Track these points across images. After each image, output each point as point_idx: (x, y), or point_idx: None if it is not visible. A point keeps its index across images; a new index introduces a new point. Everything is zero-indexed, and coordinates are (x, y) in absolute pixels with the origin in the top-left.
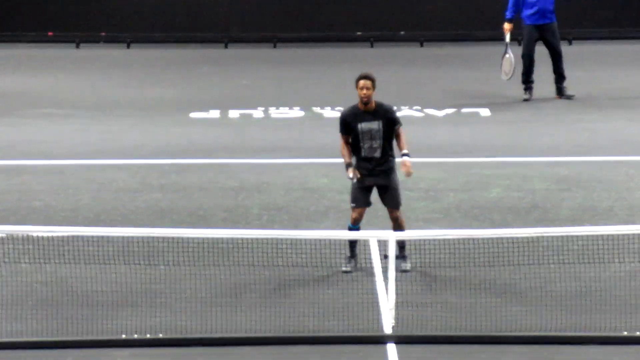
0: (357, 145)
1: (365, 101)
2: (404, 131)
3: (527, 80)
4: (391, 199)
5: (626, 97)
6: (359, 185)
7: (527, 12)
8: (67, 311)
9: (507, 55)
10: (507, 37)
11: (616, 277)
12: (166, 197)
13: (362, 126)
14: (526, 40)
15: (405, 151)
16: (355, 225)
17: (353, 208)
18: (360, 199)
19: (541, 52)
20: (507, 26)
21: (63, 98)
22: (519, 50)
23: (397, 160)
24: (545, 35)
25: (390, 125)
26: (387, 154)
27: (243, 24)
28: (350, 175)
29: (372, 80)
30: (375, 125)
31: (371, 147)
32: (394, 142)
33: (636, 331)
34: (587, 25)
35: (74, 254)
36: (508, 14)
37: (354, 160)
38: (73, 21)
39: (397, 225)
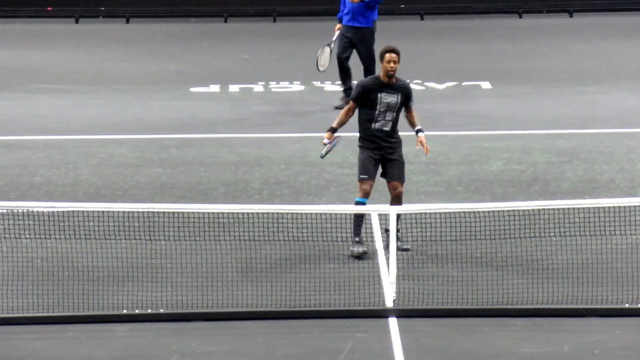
0: (371, 116)
1: (391, 74)
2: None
3: (342, 82)
4: (398, 172)
5: (627, 69)
6: (367, 155)
7: (345, 11)
8: (67, 286)
9: (327, 49)
10: (335, 35)
11: (618, 250)
12: (166, 172)
13: (382, 97)
14: (339, 41)
15: (419, 127)
16: (363, 199)
17: (364, 180)
18: (371, 170)
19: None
20: (337, 26)
21: (62, 73)
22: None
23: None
24: (354, 39)
25: (407, 101)
26: (396, 128)
27: None
28: (326, 140)
29: (398, 53)
30: (395, 98)
31: (385, 120)
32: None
33: (638, 303)
34: None
35: (74, 229)
36: (339, 14)
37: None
38: None
39: (397, 201)
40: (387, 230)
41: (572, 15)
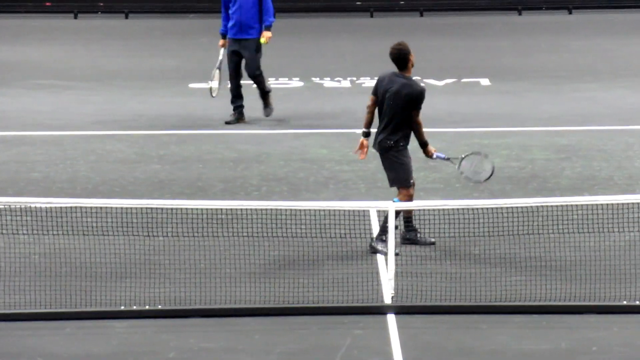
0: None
1: None
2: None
3: (232, 99)
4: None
5: (626, 66)
6: (410, 159)
7: (229, 24)
8: (65, 283)
9: (217, 71)
10: (221, 53)
11: (616, 247)
12: (165, 168)
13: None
14: (228, 55)
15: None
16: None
17: (412, 185)
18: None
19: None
20: (221, 42)
21: (61, 69)
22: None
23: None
24: (242, 52)
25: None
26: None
27: None
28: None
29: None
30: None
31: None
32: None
33: (636, 300)
34: None
35: (72, 225)
36: (221, 29)
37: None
38: None
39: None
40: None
41: (571, 12)
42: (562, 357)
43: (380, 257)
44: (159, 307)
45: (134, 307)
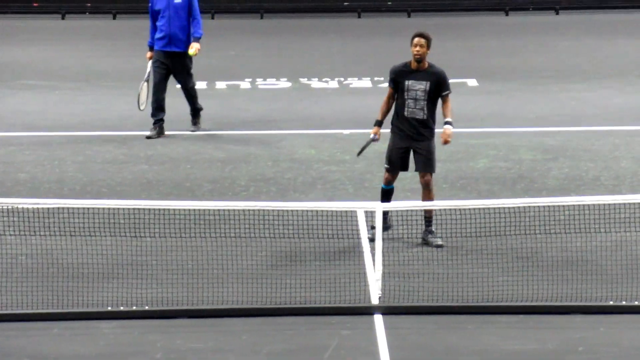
0: (402, 102)
1: (418, 59)
2: (451, 99)
3: (154, 113)
4: (423, 162)
5: (612, 67)
6: (394, 146)
7: (157, 35)
8: (52, 283)
9: (145, 84)
10: (149, 66)
11: (602, 247)
12: (153, 169)
13: (409, 83)
14: (154, 68)
15: (448, 119)
16: (388, 186)
17: (386, 170)
18: (395, 162)
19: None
20: (148, 54)
21: (49, 69)
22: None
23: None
24: (173, 65)
25: (438, 89)
26: (430, 118)
27: None
28: (372, 135)
29: (427, 39)
30: (423, 85)
31: (415, 108)
32: (438, 110)
33: (622, 301)
34: None
35: (59, 226)
36: (149, 41)
37: (393, 121)
38: None
39: (427, 193)
40: (373, 227)
41: (559, 12)
42: (548, 357)
43: (367, 258)
44: (146, 307)
45: (121, 308)
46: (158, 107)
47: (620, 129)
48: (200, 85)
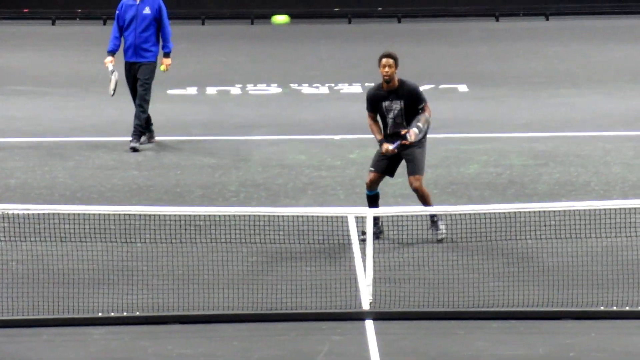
0: (384, 122)
1: (387, 79)
2: (429, 108)
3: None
4: (411, 168)
5: (603, 72)
6: (377, 152)
7: (124, 46)
8: (43, 289)
9: (112, 75)
10: (110, 66)
11: (593, 252)
12: (143, 175)
13: (386, 105)
14: (127, 81)
15: (417, 125)
16: (371, 191)
17: (370, 172)
18: (379, 165)
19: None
20: (106, 60)
21: (39, 75)
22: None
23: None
24: (137, 75)
25: (414, 104)
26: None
27: (220, 1)
28: (383, 150)
29: (394, 58)
30: (398, 104)
31: (395, 124)
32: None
33: (613, 306)
34: (564, 0)
35: (50, 232)
36: (109, 47)
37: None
38: None
39: (422, 198)
40: (364, 233)
41: (549, 18)
42: None
43: (358, 263)
44: (137, 313)
45: (112, 314)
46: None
47: (611, 134)
48: (190, 90)
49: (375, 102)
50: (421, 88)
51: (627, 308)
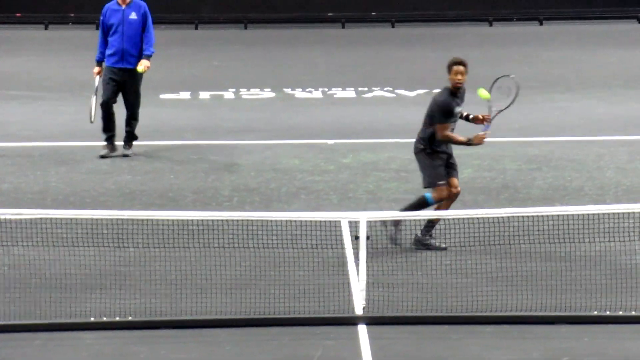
0: (452, 128)
1: (459, 87)
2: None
3: (106, 129)
4: (456, 172)
5: (596, 77)
6: (440, 162)
7: (108, 51)
8: (35, 294)
9: (94, 97)
10: (97, 81)
11: (587, 257)
12: (136, 179)
13: (457, 111)
14: (104, 84)
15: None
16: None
17: (441, 185)
18: (443, 174)
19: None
20: (96, 69)
21: (32, 80)
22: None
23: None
24: (124, 83)
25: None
26: None
27: (214, 5)
28: (480, 141)
29: (466, 65)
30: (460, 108)
31: (453, 129)
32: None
33: (606, 311)
34: (558, 5)
35: (42, 237)
36: (97, 56)
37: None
38: (41, 2)
39: (454, 199)
40: (357, 238)
41: (542, 23)
42: None
43: (351, 268)
44: (130, 318)
45: (104, 319)
46: (107, 125)
47: (604, 138)
48: (183, 95)
49: (453, 111)
50: (415, 92)
51: (621, 313)
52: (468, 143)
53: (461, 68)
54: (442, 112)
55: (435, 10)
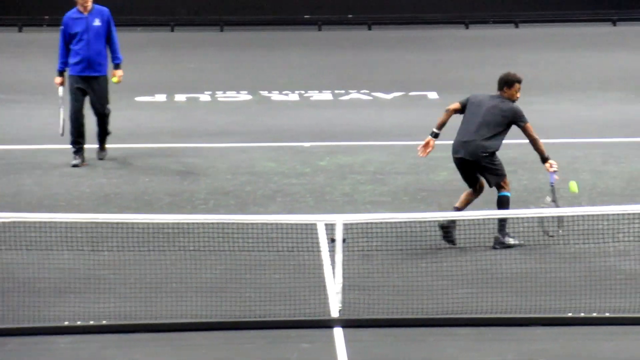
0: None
1: (515, 101)
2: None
3: (75, 141)
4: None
5: (572, 80)
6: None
7: (72, 60)
8: (8, 298)
9: (61, 110)
10: (60, 91)
11: (561, 259)
12: (111, 182)
13: None
14: (71, 94)
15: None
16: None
17: (504, 176)
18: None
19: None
20: (58, 80)
21: (5, 83)
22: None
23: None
24: (91, 90)
25: None
26: None
27: (190, 7)
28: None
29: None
30: None
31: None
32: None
33: (581, 312)
34: (533, 8)
35: (16, 240)
36: (58, 66)
37: None
38: (15, 4)
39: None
40: (333, 240)
41: (518, 26)
42: None
43: (328, 271)
44: (104, 322)
45: (79, 323)
46: (80, 135)
47: (580, 141)
48: (159, 98)
49: None
50: (391, 95)
51: (595, 314)
52: (543, 157)
53: (520, 86)
54: (523, 114)
55: (412, 13)
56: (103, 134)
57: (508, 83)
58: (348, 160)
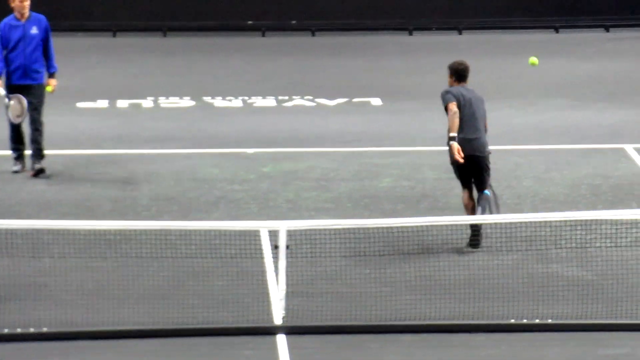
0: None
1: None
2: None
3: (16, 147)
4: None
5: (513, 87)
6: None
7: (9, 68)
8: None
9: (12, 102)
10: (1, 91)
11: (503, 266)
12: (52, 188)
13: None
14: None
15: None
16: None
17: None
18: None
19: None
20: None
21: None
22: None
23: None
24: (29, 99)
25: None
26: None
27: (132, 12)
28: None
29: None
30: None
31: None
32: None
33: (523, 319)
34: (477, 15)
35: None
36: None
37: None
38: None
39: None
40: (276, 247)
41: (462, 32)
42: None
43: (271, 278)
44: (45, 329)
45: (18, 330)
46: (19, 141)
47: (522, 148)
48: (101, 104)
49: None
50: (335, 102)
51: (537, 321)
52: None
53: None
54: None
55: (356, 19)
56: (36, 148)
57: (468, 71)
58: (292, 167)
